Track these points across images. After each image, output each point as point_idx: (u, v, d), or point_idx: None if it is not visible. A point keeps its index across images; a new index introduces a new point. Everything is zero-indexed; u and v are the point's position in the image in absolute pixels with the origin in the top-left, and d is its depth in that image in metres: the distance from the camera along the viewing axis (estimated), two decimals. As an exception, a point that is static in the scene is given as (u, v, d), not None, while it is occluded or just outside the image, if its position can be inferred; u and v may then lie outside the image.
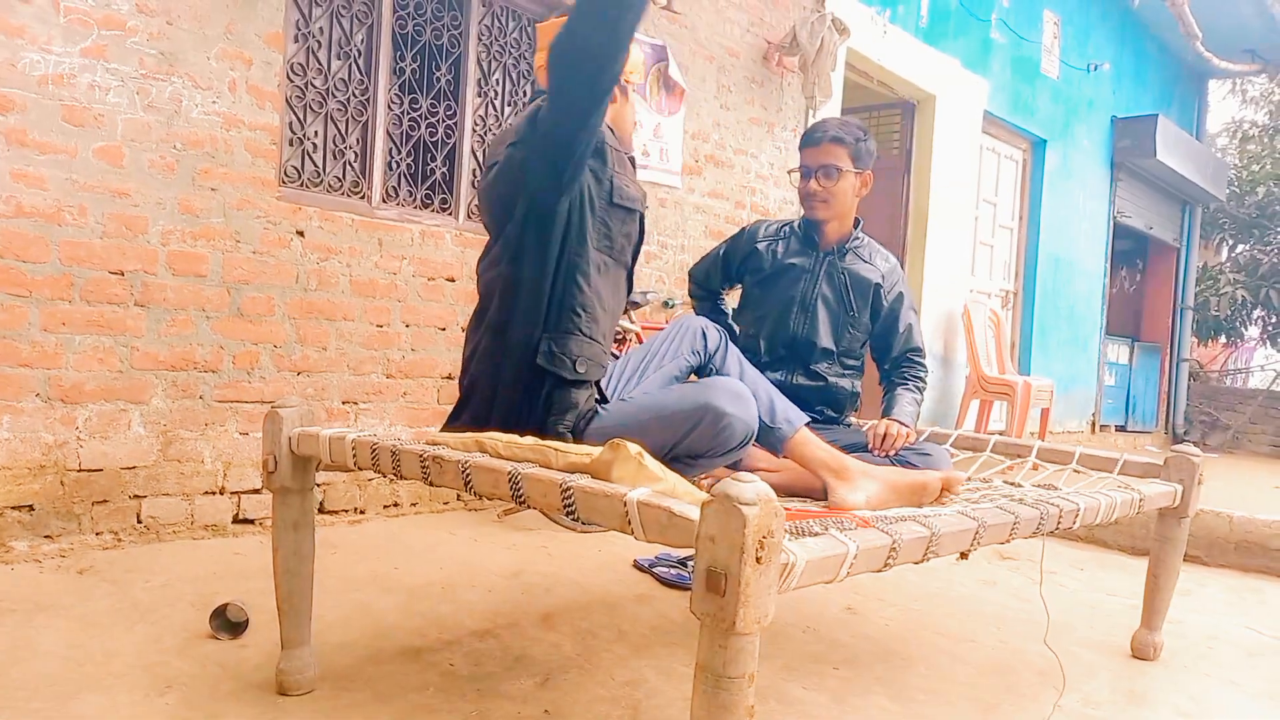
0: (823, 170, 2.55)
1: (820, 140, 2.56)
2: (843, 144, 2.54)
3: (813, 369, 2.62)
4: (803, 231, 2.68)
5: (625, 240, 1.95)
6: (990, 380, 6.29)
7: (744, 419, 1.76)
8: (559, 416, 1.84)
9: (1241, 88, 12.62)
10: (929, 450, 2.42)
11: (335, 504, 3.34)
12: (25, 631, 2.08)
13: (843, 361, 2.65)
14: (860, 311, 2.65)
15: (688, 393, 1.82)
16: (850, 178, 2.56)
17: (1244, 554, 3.72)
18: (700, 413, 1.74)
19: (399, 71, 3.62)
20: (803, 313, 2.62)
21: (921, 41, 6.05)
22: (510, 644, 2.22)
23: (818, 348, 2.61)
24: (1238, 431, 10.26)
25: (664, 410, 1.80)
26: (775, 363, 2.62)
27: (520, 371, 1.84)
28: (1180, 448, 2.47)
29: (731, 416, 1.74)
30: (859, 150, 2.55)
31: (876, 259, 2.69)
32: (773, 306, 2.64)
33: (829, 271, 2.64)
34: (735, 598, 1.09)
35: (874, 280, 2.65)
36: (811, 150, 2.57)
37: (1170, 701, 2.22)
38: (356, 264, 3.34)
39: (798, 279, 2.64)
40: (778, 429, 1.97)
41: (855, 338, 2.66)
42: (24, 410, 2.63)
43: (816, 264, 2.65)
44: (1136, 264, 10.42)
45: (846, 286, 2.64)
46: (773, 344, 2.63)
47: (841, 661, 2.29)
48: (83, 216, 2.71)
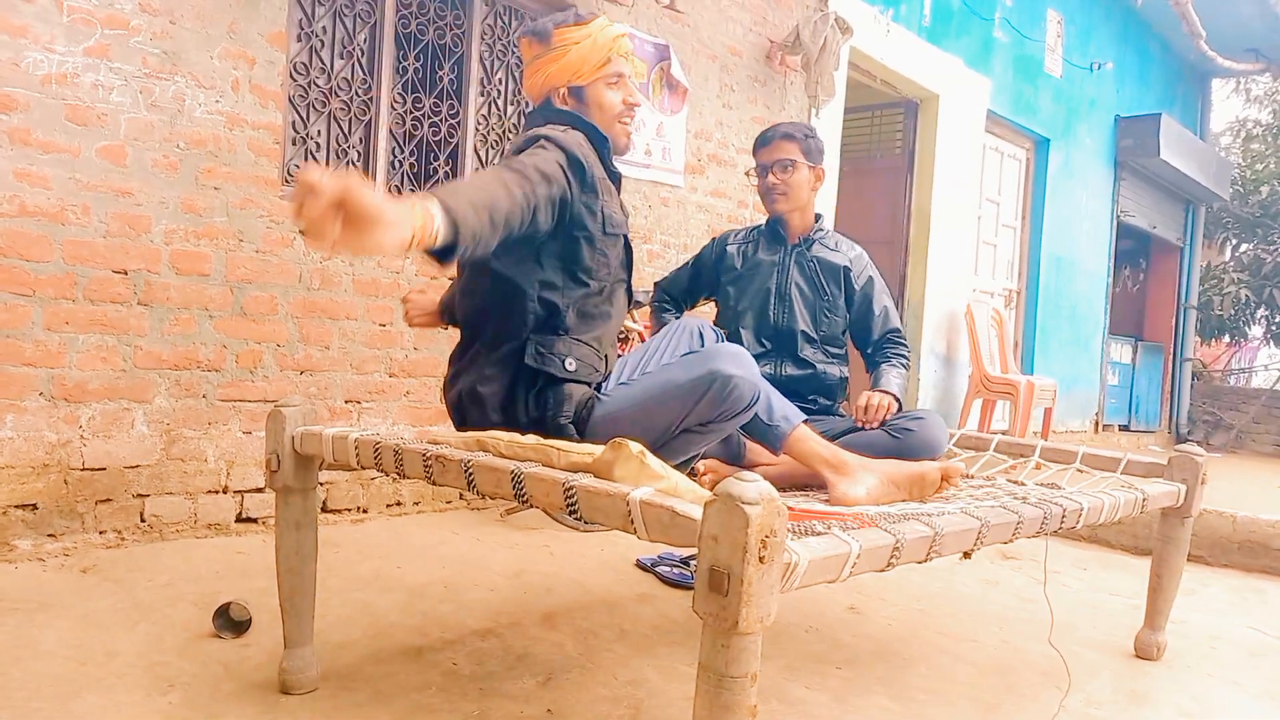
0: (778, 164, 2.72)
1: (772, 139, 2.75)
2: (793, 139, 2.72)
3: (800, 357, 2.69)
4: (769, 230, 2.83)
5: (618, 262, 1.98)
6: (993, 380, 6.29)
7: (749, 379, 1.78)
8: (556, 410, 1.84)
9: (1245, 87, 12.59)
10: (921, 414, 2.47)
11: (338, 503, 3.35)
12: (27, 630, 2.08)
13: (826, 349, 2.73)
14: (834, 296, 2.74)
15: (690, 363, 1.82)
16: (804, 169, 2.72)
17: (1247, 554, 3.72)
18: (708, 379, 1.76)
19: (402, 71, 3.62)
20: (780, 302, 2.72)
21: (924, 40, 6.04)
22: (512, 643, 2.22)
23: (799, 334, 2.69)
24: (1241, 431, 10.24)
25: (671, 384, 1.80)
26: (762, 356, 2.68)
27: (514, 378, 1.86)
28: (1183, 447, 2.47)
29: (737, 378, 1.76)
30: (809, 146, 2.73)
31: (842, 246, 2.82)
32: (751, 301, 2.75)
33: (799, 261, 2.76)
34: (738, 597, 1.09)
35: (842, 264, 2.76)
36: (765, 150, 2.76)
37: (1173, 701, 2.22)
38: (359, 263, 3.34)
39: (770, 272, 2.76)
40: (776, 427, 1.97)
41: (834, 323, 2.75)
42: (27, 409, 2.64)
43: (786, 256, 2.77)
44: (1140, 263, 10.40)
45: (817, 273, 2.75)
46: (757, 337, 2.72)
47: (844, 661, 2.29)
48: (86, 216, 2.71)
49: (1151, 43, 8.80)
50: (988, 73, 6.65)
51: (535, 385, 1.86)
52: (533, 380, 1.86)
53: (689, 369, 1.80)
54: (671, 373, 1.83)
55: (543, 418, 1.84)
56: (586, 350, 1.90)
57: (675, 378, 1.80)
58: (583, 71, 1.96)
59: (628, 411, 1.82)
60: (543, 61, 1.97)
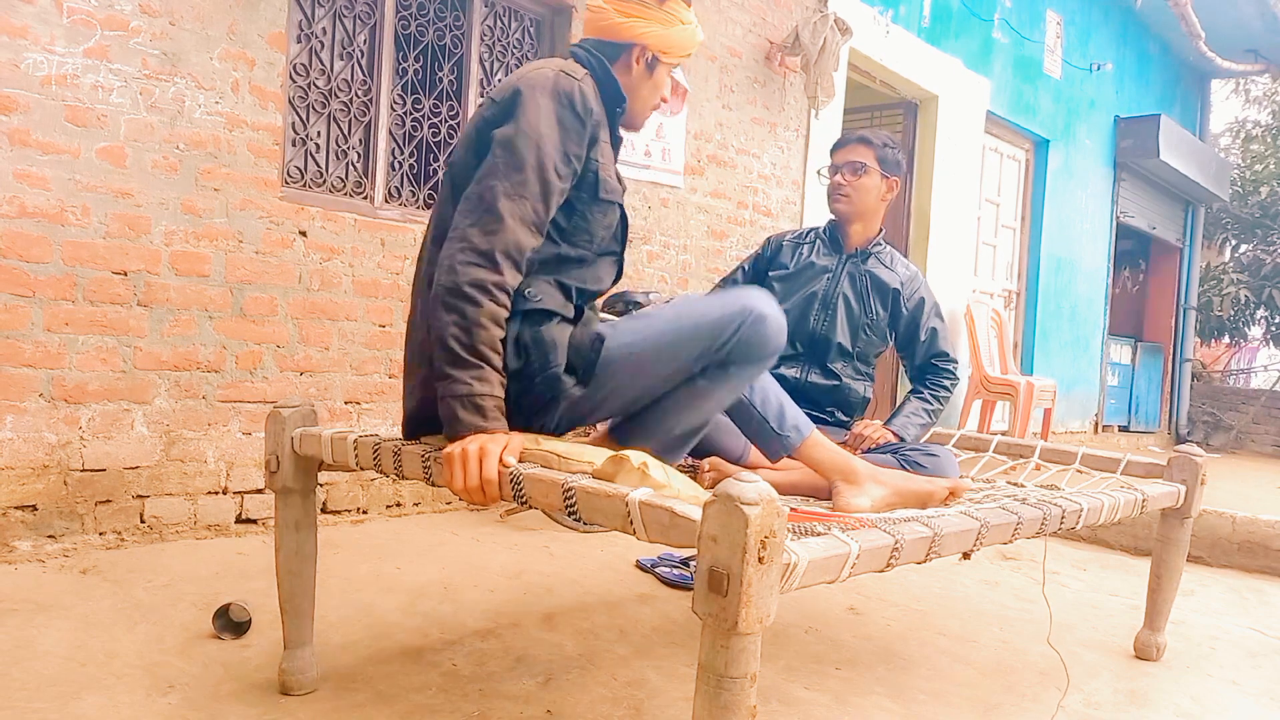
0: (849, 166, 2.67)
1: (848, 141, 2.72)
2: (869, 145, 2.68)
3: (829, 367, 2.66)
4: (828, 234, 2.77)
5: (605, 231, 1.79)
6: (993, 380, 6.29)
7: (780, 321, 1.72)
8: (543, 361, 1.64)
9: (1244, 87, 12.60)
10: (935, 451, 2.42)
11: (338, 504, 3.35)
12: (27, 631, 2.08)
13: (857, 365, 2.69)
14: (878, 315, 2.70)
15: (723, 298, 1.73)
16: (875, 176, 2.66)
17: (1247, 554, 3.72)
18: (742, 315, 1.67)
19: (402, 72, 3.62)
20: (823, 310, 2.68)
21: (924, 41, 6.05)
22: (512, 644, 2.22)
23: (835, 345, 2.65)
24: (1241, 432, 10.24)
25: (703, 317, 1.69)
26: (791, 359, 2.66)
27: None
28: (1183, 448, 2.47)
29: (771, 317, 1.70)
30: (885, 154, 2.67)
31: (898, 266, 2.76)
32: (794, 302, 2.69)
33: (851, 273, 2.71)
34: (737, 598, 1.09)
35: (893, 286, 2.71)
36: (840, 151, 2.73)
37: (1172, 702, 2.22)
38: (359, 264, 3.35)
39: (819, 277, 2.71)
40: (786, 436, 1.93)
41: (871, 341, 2.71)
42: (27, 410, 2.64)
43: (839, 265, 2.72)
44: (1139, 264, 10.41)
45: (867, 289, 2.70)
46: (791, 340, 2.65)
47: (843, 662, 2.29)
48: (86, 217, 2.71)
49: (1151, 43, 8.81)
50: (987, 73, 6.65)
51: (510, 333, 1.63)
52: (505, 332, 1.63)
53: (721, 302, 1.72)
54: (700, 305, 1.73)
55: (528, 373, 1.64)
56: (545, 285, 1.69)
57: (705, 310, 1.71)
58: (670, 49, 1.84)
59: (647, 344, 1.70)
60: (642, 13, 1.80)
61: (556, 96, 1.67)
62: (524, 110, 1.64)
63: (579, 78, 1.71)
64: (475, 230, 1.58)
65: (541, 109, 1.65)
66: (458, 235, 1.58)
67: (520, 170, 1.61)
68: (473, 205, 1.61)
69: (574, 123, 1.68)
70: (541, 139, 1.63)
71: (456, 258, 1.56)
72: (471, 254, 1.56)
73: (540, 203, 1.63)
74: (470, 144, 1.71)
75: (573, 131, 1.68)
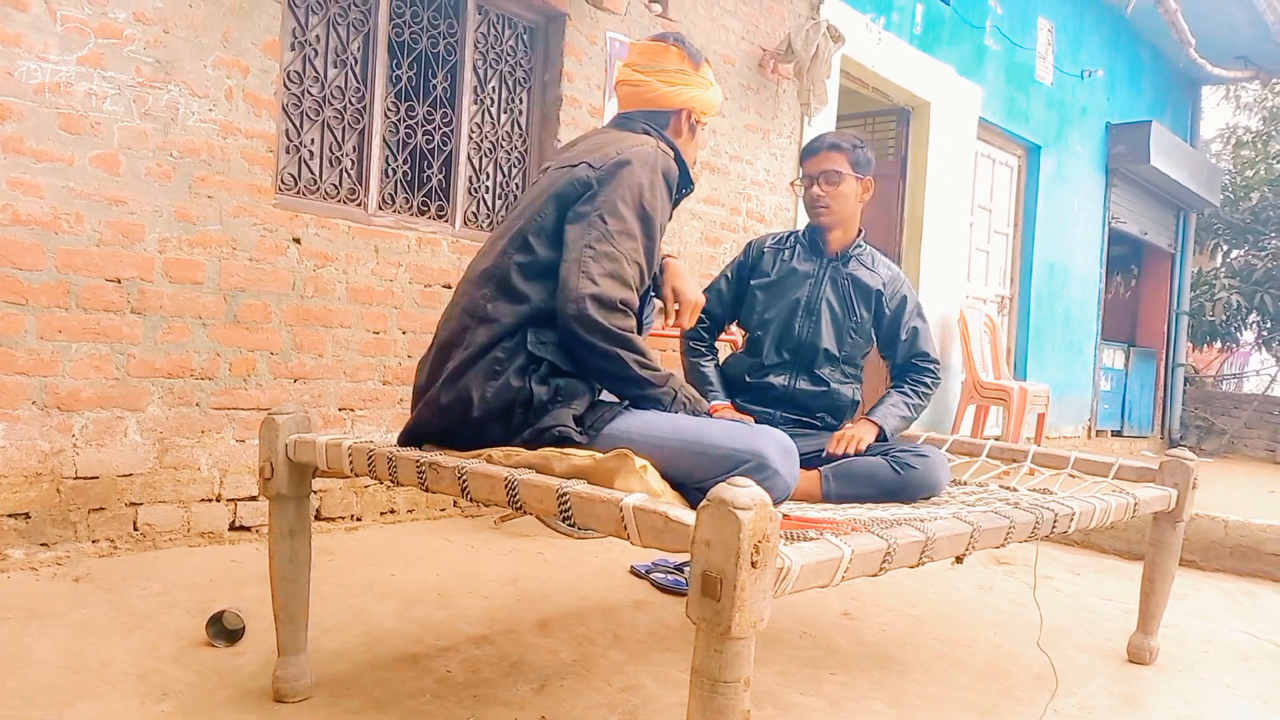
0: (824, 175, 2.65)
1: (819, 149, 2.67)
2: (841, 150, 2.65)
3: (816, 373, 2.64)
4: (808, 239, 2.75)
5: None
6: (986, 385, 6.31)
7: (787, 478, 1.66)
8: (565, 403, 1.70)
9: (1235, 94, 12.68)
10: (926, 452, 2.42)
11: (332, 511, 3.34)
12: (21, 639, 2.08)
13: (844, 369, 2.68)
14: (862, 318, 2.68)
15: (737, 433, 1.68)
16: (851, 182, 2.66)
17: (1239, 558, 3.73)
18: (747, 457, 1.62)
19: (395, 79, 3.63)
20: (807, 316, 2.66)
21: (916, 49, 6.07)
22: (507, 650, 2.22)
23: (821, 351, 2.64)
24: (1233, 436, 10.28)
25: (707, 442, 1.65)
26: (779, 367, 2.64)
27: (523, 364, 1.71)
28: (1175, 452, 2.48)
29: (779, 474, 1.63)
30: (857, 156, 2.66)
31: (879, 266, 2.74)
32: (778, 310, 2.67)
33: (833, 276, 2.69)
34: (731, 602, 1.10)
35: (875, 287, 2.69)
36: (812, 160, 2.68)
37: (1166, 705, 2.22)
38: (353, 271, 3.35)
39: (802, 283, 2.68)
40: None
41: (857, 344, 2.69)
42: (20, 418, 2.63)
43: (821, 269, 2.70)
44: (1131, 269, 10.45)
45: (850, 292, 2.68)
46: (777, 347, 2.65)
47: (838, 666, 2.30)
48: (79, 224, 2.71)
49: (1142, 50, 8.86)
50: (979, 80, 6.68)
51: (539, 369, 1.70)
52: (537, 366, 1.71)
53: (733, 437, 1.67)
54: (712, 430, 1.69)
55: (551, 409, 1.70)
56: None
57: (715, 437, 1.66)
58: (707, 109, 2.02)
59: (648, 442, 1.65)
60: (685, 80, 1.97)
61: (660, 172, 1.83)
62: (633, 179, 1.79)
63: (671, 156, 1.89)
64: (612, 281, 1.71)
65: (657, 186, 1.82)
66: (594, 292, 1.68)
67: (633, 238, 1.76)
68: (607, 261, 1.72)
69: (667, 197, 1.87)
70: (655, 211, 1.81)
71: (598, 312, 1.68)
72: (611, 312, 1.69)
73: (649, 266, 1.83)
74: (550, 195, 1.80)
75: (668, 205, 1.88)
